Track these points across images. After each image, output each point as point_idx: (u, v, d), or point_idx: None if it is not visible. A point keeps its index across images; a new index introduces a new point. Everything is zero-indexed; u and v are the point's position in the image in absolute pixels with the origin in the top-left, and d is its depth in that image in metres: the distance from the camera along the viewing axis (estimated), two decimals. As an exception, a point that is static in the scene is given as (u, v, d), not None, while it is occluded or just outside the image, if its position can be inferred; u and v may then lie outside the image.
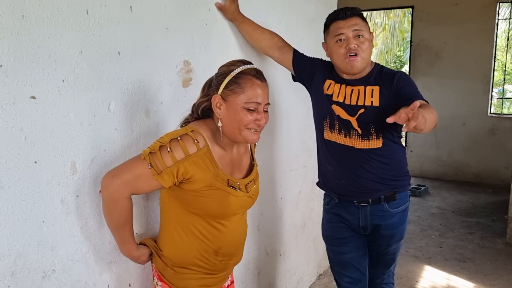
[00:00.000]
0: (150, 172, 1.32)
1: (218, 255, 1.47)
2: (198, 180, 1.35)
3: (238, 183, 1.44)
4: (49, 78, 1.24)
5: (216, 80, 1.41)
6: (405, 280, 3.30)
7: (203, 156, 1.35)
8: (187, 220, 1.43)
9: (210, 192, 1.37)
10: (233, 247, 1.52)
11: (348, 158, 1.95)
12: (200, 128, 1.39)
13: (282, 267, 2.77)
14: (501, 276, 3.36)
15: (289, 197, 2.78)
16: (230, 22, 2.05)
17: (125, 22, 1.47)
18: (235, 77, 1.37)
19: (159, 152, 1.32)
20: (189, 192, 1.38)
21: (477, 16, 5.80)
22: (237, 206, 1.45)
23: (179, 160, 1.32)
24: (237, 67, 1.39)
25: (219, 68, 1.44)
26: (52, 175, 1.28)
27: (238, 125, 1.38)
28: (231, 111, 1.37)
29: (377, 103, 1.87)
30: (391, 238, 2.04)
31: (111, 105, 1.44)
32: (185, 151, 1.32)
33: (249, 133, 1.40)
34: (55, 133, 1.28)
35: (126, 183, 1.32)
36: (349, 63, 1.87)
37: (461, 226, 4.44)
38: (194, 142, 1.34)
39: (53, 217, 1.30)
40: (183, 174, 1.33)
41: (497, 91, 8.56)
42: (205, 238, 1.44)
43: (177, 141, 1.33)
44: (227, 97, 1.37)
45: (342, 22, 1.87)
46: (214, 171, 1.37)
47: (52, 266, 1.31)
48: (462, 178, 6.17)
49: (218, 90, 1.38)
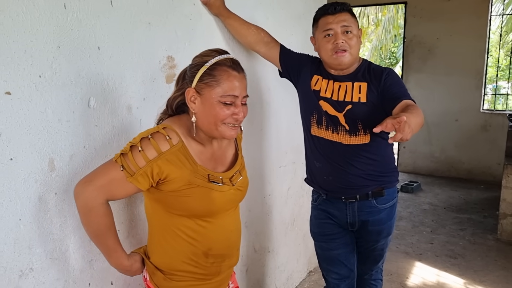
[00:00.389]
0: (123, 175, 1.25)
1: (208, 257, 1.38)
2: (175, 179, 1.28)
3: (221, 177, 1.36)
4: (25, 74, 1.22)
5: (190, 72, 1.32)
6: (396, 276, 3.30)
7: (177, 153, 1.28)
8: (171, 223, 1.35)
9: (190, 190, 1.29)
10: (225, 247, 1.42)
11: (335, 154, 1.94)
12: (174, 125, 1.31)
13: (271, 264, 2.76)
14: (491, 272, 3.36)
15: (278, 193, 2.77)
16: (215, 17, 2.02)
17: (105, 17, 1.45)
18: (210, 69, 1.28)
19: (130, 153, 1.25)
20: (168, 193, 1.30)
21: (470, 12, 5.79)
22: (223, 201, 1.37)
23: (151, 159, 1.24)
24: (212, 58, 1.29)
25: (193, 59, 1.36)
26: (29, 172, 1.26)
27: (214, 120, 1.29)
28: (206, 105, 1.29)
29: (365, 100, 1.86)
30: (379, 234, 2.04)
31: (90, 101, 1.42)
32: (157, 149, 1.25)
33: (226, 128, 1.31)
34: (31, 130, 1.25)
35: (99, 188, 1.25)
36: (336, 59, 1.86)
37: (453, 222, 4.45)
38: (166, 139, 1.27)
39: (30, 215, 1.28)
40: (158, 174, 1.26)
41: (491, 87, 8.58)
42: (193, 239, 1.35)
43: (148, 139, 1.26)
44: (201, 91, 1.29)
45: (331, 17, 1.86)
46: (192, 167, 1.30)
47: (29, 265, 1.29)
48: (455, 174, 6.18)
49: (192, 83, 1.30)
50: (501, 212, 3.96)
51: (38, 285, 1.31)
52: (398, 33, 13.02)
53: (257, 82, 2.43)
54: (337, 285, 2.12)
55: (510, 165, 3.87)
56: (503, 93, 9.77)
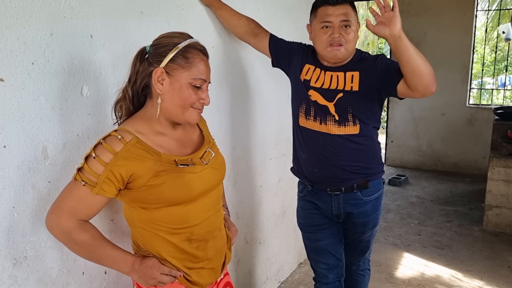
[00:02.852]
0: (87, 190, 1.20)
1: (192, 242, 1.35)
2: (141, 173, 1.23)
3: (190, 158, 1.33)
4: (18, 61, 1.21)
5: (156, 52, 1.26)
6: (384, 267, 3.34)
7: (133, 148, 1.23)
8: (151, 219, 1.31)
9: (160, 179, 1.25)
10: (206, 231, 1.38)
11: (321, 145, 1.93)
12: (126, 125, 1.28)
13: (262, 255, 2.78)
14: (477, 262, 3.43)
15: (268, 185, 2.79)
16: (207, 8, 2.03)
17: (98, 5, 1.44)
18: (183, 50, 1.26)
19: (86, 164, 1.20)
20: (140, 189, 1.25)
21: (456, 8, 5.85)
22: (201, 182, 1.33)
23: (108, 163, 1.20)
24: (183, 40, 1.27)
25: (159, 40, 1.30)
26: (23, 160, 1.26)
27: (182, 103, 1.28)
28: (175, 87, 1.26)
29: (357, 88, 1.85)
30: (365, 225, 2.05)
31: (83, 90, 1.41)
32: (111, 151, 1.20)
33: (193, 111, 1.31)
34: (25, 117, 1.25)
35: (68, 212, 1.20)
36: (331, 52, 1.83)
37: (440, 214, 4.52)
38: (119, 139, 1.22)
39: (24, 203, 1.27)
40: (122, 176, 1.21)
41: (477, 83, 8.69)
42: (175, 229, 1.32)
43: (100, 145, 1.22)
44: (172, 71, 1.25)
45: (331, 9, 1.80)
46: (154, 157, 1.26)
47: (23, 253, 1.28)
48: (441, 168, 6.26)
49: (159, 63, 1.25)
50: (487, 204, 4.04)
51: (32, 274, 1.31)
52: (385, 29, 13.08)
53: (248, 74, 2.44)
54: (326, 275, 2.13)
55: (496, 158, 3.94)
56: (488, 88, 9.91)
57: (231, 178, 2.35)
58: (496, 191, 3.98)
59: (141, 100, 1.34)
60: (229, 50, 2.23)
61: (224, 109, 2.23)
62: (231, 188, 2.36)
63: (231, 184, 2.36)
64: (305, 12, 2.89)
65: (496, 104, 7.46)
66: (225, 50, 2.20)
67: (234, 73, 2.30)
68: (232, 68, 2.28)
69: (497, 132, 4.26)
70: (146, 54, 1.29)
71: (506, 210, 3.97)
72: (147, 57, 1.28)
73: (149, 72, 1.27)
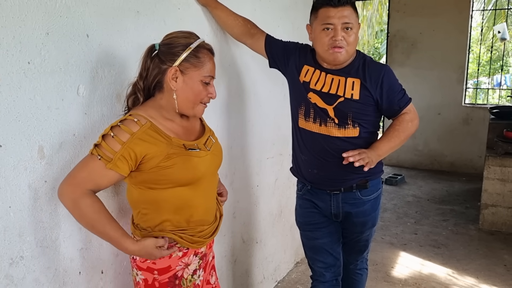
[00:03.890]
0: (102, 164, 1.29)
1: (189, 223, 1.46)
2: (153, 154, 1.33)
3: (196, 143, 1.45)
4: (14, 60, 1.21)
5: (170, 51, 1.37)
6: (381, 266, 3.35)
7: (148, 131, 1.34)
8: (158, 199, 1.40)
9: (171, 161, 1.36)
10: (204, 213, 1.50)
11: (321, 148, 1.92)
12: (139, 111, 1.39)
13: (259, 254, 2.78)
14: (473, 261, 3.44)
15: (265, 185, 2.79)
16: (203, 7, 2.03)
17: (94, 4, 1.44)
18: (195, 51, 1.38)
19: (104, 142, 1.30)
20: (151, 170, 1.35)
21: (452, 7, 5.87)
22: (204, 166, 1.45)
23: (126, 142, 1.30)
24: (194, 40, 1.39)
25: (170, 39, 1.40)
26: (19, 160, 1.25)
27: (194, 99, 1.41)
28: (189, 84, 1.39)
29: (357, 97, 1.84)
30: (364, 225, 2.06)
31: (80, 89, 1.41)
32: (129, 131, 1.31)
33: (201, 106, 1.45)
34: (21, 117, 1.25)
35: (80, 181, 1.29)
36: (332, 55, 1.81)
37: (436, 213, 4.53)
38: (135, 121, 1.34)
39: (20, 203, 1.27)
40: (136, 155, 1.31)
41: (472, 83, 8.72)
42: (178, 209, 1.42)
43: (118, 126, 1.32)
44: (186, 70, 1.38)
45: (333, 11, 1.77)
46: (166, 141, 1.37)
47: (20, 253, 1.28)
48: (438, 167, 6.28)
49: (173, 62, 1.36)
50: (483, 203, 4.05)
51: (28, 273, 1.31)
52: (382, 28, 13.13)
53: (245, 74, 2.44)
54: (323, 274, 2.13)
55: (491, 157, 3.95)
56: (483, 88, 9.94)
57: (228, 178, 2.35)
58: (492, 190, 3.99)
59: (151, 93, 1.45)
60: (225, 50, 2.23)
61: (220, 109, 2.23)
62: (228, 187, 2.35)
63: (228, 183, 2.36)
64: (301, 11, 2.90)
65: (491, 103, 7.50)
66: (221, 50, 2.20)
67: (230, 73, 2.30)
68: (229, 67, 2.28)
69: (493, 131, 4.28)
70: (155, 51, 1.38)
71: (502, 209, 3.99)
72: (159, 55, 1.38)
73: (162, 70, 1.38)
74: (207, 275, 1.62)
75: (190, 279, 1.49)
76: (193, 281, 1.50)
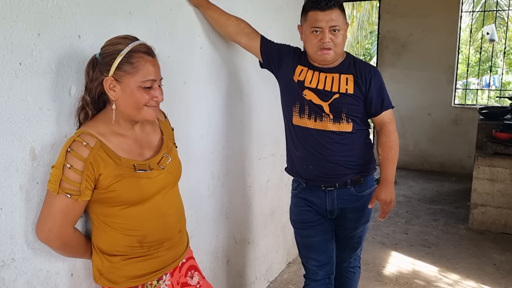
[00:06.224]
0: (73, 200, 1.28)
1: (143, 245, 1.41)
2: (104, 177, 1.31)
3: (148, 163, 1.40)
4: (5, 61, 1.20)
5: (104, 61, 1.32)
6: (372, 265, 3.37)
7: (97, 153, 1.30)
8: (106, 214, 1.38)
9: (118, 183, 1.32)
10: (161, 232, 1.44)
11: (316, 143, 1.98)
12: (88, 128, 1.34)
13: (251, 255, 2.78)
14: (463, 260, 3.48)
15: (257, 185, 2.79)
16: (195, 8, 2.02)
17: (86, 5, 1.44)
18: (127, 57, 1.30)
19: (64, 176, 1.26)
20: (100, 190, 1.32)
21: (442, 9, 5.93)
22: (154, 187, 1.40)
23: (83, 171, 1.27)
24: (125, 45, 1.31)
25: (104, 48, 1.34)
26: (10, 161, 1.24)
27: (136, 105, 1.34)
28: (127, 92, 1.32)
29: (352, 91, 1.93)
30: (358, 220, 2.10)
31: (71, 90, 1.41)
32: (81, 158, 1.27)
33: (148, 109, 1.37)
34: (12, 118, 1.24)
35: (62, 224, 1.29)
36: (321, 56, 1.91)
37: (426, 213, 4.57)
38: (84, 145, 1.28)
39: (11, 205, 1.26)
40: (93, 180, 1.30)
41: (462, 83, 8.80)
42: (127, 229, 1.38)
43: (69, 153, 1.27)
44: (120, 78, 1.31)
45: (321, 14, 1.86)
46: (115, 162, 1.33)
47: (11, 255, 1.27)
48: (428, 167, 6.33)
49: (108, 72, 1.30)
50: (472, 203, 4.09)
51: (20, 276, 1.30)
52: (372, 29, 13.20)
53: (237, 74, 2.45)
54: (316, 272, 2.15)
55: (481, 157, 4.00)
56: (473, 88, 10.04)
57: (220, 178, 2.36)
58: (481, 189, 4.04)
59: (100, 105, 1.40)
60: (217, 51, 2.23)
61: (212, 110, 2.23)
62: (220, 188, 2.36)
63: (220, 184, 2.36)
64: (293, 12, 2.91)
65: (481, 104, 7.58)
66: (213, 50, 2.20)
67: (222, 74, 2.30)
68: (221, 68, 2.28)
69: (482, 131, 4.32)
70: (97, 62, 1.34)
71: (491, 209, 4.04)
72: (98, 66, 1.33)
73: (101, 81, 1.33)
74: (179, 278, 1.56)
75: (155, 284, 1.46)
76: (158, 286, 1.46)
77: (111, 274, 1.40)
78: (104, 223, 1.39)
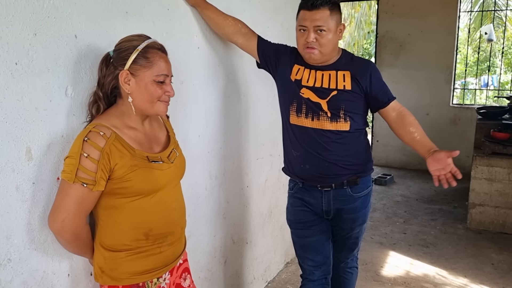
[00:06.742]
0: (88, 189, 1.30)
1: (149, 238, 1.43)
2: (120, 167, 1.33)
3: (159, 156, 1.45)
4: (1, 61, 1.20)
5: (119, 56, 1.38)
6: (370, 265, 3.37)
7: (114, 143, 1.33)
8: (117, 207, 1.39)
9: (133, 173, 1.35)
10: (166, 225, 1.48)
11: (313, 142, 1.98)
12: (102, 120, 1.37)
13: (249, 255, 2.78)
14: (461, 259, 3.48)
15: (255, 185, 2.79)
16: (193, 8, 2.02)
17: (82, 5, 1.43)
18: (142, 52, 1.37)
19: (80, 165, 1.28)
20: (114, 181, 1.34)
21: (440, 9, 5.93)
22: (165, 179, 1.45)
23: (99, 160, 1.29)
24: (141, 42, 1.38)
25: (119, 44, 1.40)
26: (6, 162, 1.24)
27: (150, 98, 1.39)
28: (141, 85, 1.38)
29: (349, 87, 1.93)
30: (354, 222, 2.09)
31: (68, 90, 1.40)
32: (98, 148, 1.30)
33: (160, 104, 1.42)
34: (8, 118, 1.23)
35: (76, 214, 1.30)
36: (306, 54, 1.93)
37: (424, 213, 4.57)
38: (101, 135, 1.32)
39: (7, 205, 1.26)
40: (108, 170, 1.32)
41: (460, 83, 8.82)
42: (135, 222, 1.40)
43: (86, 142, 1.29)
44: (136, 72, 1.36)
45: (307, 14, 1.88)
46: (130, 153, 1.36)
47: (7, 255, 1.27)
48: (426, 167, 6.22)
49: (124, 66, 1.36)
50: (470, 202, 4.10)
51: (16, 276, 1.29)
52: (371, 30, 13.21)
53: (234, 74, 2.44)
54: (313, 272, 2.15)
55: (479, 157, 4.00)
56: (471, 88, 10.05)
57: (218, 178, 2.35)
58: (480, 189, 4.04)
59: (111, 100, 1.45)
60: (215, 51, 2.23)
61: (210, 110, 2.23)
62: (217, 188, 2.36)
63: (218, 184, 2.36)
64: (290, 12, 2.91)
65: (479, 104, 7.58)
66: (211, 50, 2.20)
67: (220, 74, 2.30)
68: (218, 68, 2.28)
69: (480, 131, 4.33)
70: (110, 58, 1.40)
71: (489, 208, 4.04)
72: (112, 62, 1.39)
73: (115, 75, 1.38)
74: (175, 278, 1.58)
75: (155, 282, 1.47)
76: (158, 284, 1.48)
77: (113, 271, 1.40)
78: (111, 217, 1.40)
